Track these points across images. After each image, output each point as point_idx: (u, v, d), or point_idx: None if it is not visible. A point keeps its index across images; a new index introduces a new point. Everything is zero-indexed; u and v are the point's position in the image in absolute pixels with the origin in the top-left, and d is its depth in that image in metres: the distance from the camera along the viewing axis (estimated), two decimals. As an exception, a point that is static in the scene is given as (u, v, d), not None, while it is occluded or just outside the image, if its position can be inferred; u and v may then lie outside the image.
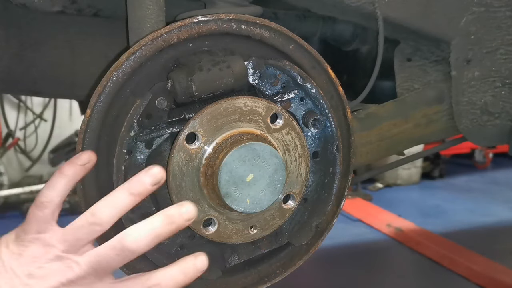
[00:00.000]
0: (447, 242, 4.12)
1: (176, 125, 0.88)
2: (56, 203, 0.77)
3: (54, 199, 0.76)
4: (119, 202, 0.73)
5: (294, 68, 0.95)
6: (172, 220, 0.71)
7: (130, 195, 0.73)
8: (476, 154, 6.99)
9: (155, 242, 0.71)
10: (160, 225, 0.71)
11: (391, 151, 1.38)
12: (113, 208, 0.73)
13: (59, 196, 0.77)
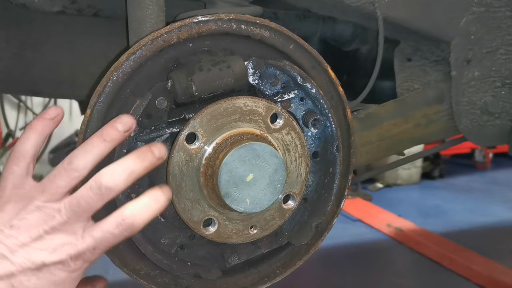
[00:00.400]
0: (447, 242, 4.12)
1: (176, 125, 0.88)
2: (30, 157, 0.79)
3: (27, 153, 0.79)
4: (93, 148, 0.75)
5: (294, 68, 0.95)
6: (144, 157, 0.73)
7: (103, 141, 0.75)
8: (476, 154, 7.00)
9: (131, 178, 0.72)
10: (133, 162, 0.73)
11: (391, 151, 1.38)
12: (88, 154, 0.75)
13: (32, 150, 0.79)
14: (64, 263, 0.70)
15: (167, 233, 0.94)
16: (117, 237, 0.72)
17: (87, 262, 0.72)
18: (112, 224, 0.72)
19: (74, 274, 0.72)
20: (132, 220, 0.71)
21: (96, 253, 0.72)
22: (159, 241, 0.94)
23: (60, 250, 0.70)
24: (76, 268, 0.71)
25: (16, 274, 0.67)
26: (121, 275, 0.98)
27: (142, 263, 0.95)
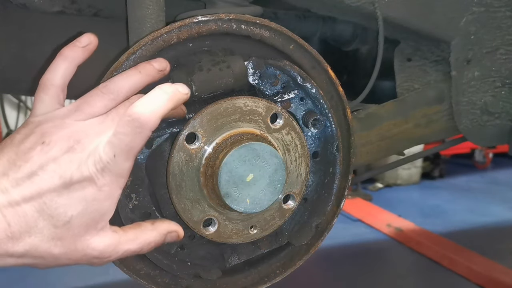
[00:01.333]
0: (447, 242, 4.13)
1: (176, 125, 0.88)
2: (59, 85, 0.77)
3: (57, 81, 0.77)
4: (128, 76, 0.75)
5: (294, 68, 0.95)
6: (173, 94, 0.71)
7: (138, 72, 0.76)
8: (476, 154, 7.00)
9: (162, 112, 0.69)
10: (162, 97, 0.70)
11: (391, 151, 1.38)
12: (123, 79, 0.75)
13: (61, 78, 0.77)
14: (92, 178, 0.66)
15: (167, 233, 0.94)
16: (130, 136, 0.67)
17: (113, 176, 0.68)
18: (121, 124, 0.67)
19: (105, 191, 0.67)
20: (138, 113, 0.67)
21: (118, 162, 0.67)
22: (159, 241, 0.94)
23: (85, 164, 0.66)
24: (105, 184, 0.67)
25: (47, 192, 0.64)
26: (121, 275, 0.99)
27: (142, 263, 0.95)
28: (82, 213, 0.66)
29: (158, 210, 0.93)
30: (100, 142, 0.68)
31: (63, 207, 0.65)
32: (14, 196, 0.63)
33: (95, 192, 0.67)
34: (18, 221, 0.63)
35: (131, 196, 0.89)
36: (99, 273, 3.66)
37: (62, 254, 0.66)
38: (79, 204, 0.66)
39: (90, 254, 0.68)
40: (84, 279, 3.66)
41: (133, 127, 0.67)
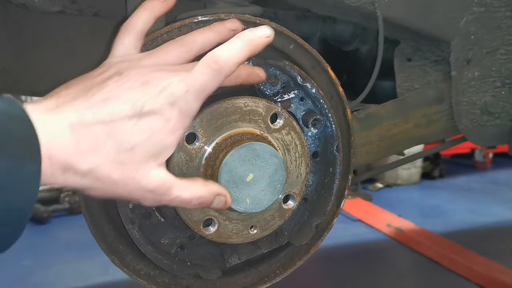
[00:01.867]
0: (447, 242, 4.13)
1: (176, 125, 0.88)
2: (139, 31, 0.81)
3: (138, 26, 0.81)
4: (202, 32, 0.82)
5: (294, 68, 0.95)
6: (249, 40, 0.76)
7: (211, 30, 0.82)
8: (476, 154, 7.00)
9: (239, 57, 0.74)
10: (239, 44, 0.75)
11: (391, 151, 1.38)
12: (198, 34, 0.81)
13: (143, 24, 0.82)
14: (161, 110, 0.69)
15: (167, 233, 0.94)
16: (206, 76, 0.71)
17: (181, 112, 0.70)
18: (199, 64, 0.72)
19: (170, 124, 0.70)
20: (217, 56, 0.72)
21: (188, 99, 0.70)
22: (159, 241, 0.94)
23: (157, 97, 0.69)
24: (172, 117, 0.69)
25: (117, 117, 0.67)
26: (121, 275, 0.99)
27: (142, 263, 0.95)
28: (145, 143, 0.68)
29: (158, 210, 0.93)
30: (174, 80, 0.71)
31: (129, 134, 0.67)
32: (86, 116, 0.66)
33: (162, 124, 0.69)
34: (86, 140, 0.65)
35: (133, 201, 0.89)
36: (99, 273, 3.66)
37: (121, 181, 0.68)
38: (144, 134, 0.68)
39: (145, 186, 0.70)
40: (84, 279, 3.66)
41: (209, 68, 0.71)
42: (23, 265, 3.92)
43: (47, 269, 3.85)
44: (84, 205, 0.89)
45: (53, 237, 4.55)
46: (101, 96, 0.68)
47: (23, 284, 3.63)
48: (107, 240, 0.92)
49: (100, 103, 0.67)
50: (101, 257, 1.01)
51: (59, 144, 0.63)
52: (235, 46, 0.74)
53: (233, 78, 0.79)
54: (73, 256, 4.02)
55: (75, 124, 0.65)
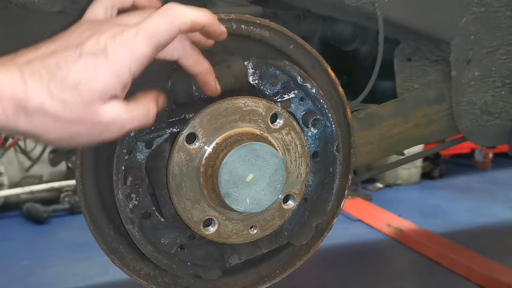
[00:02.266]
0: (447, 242, 4.12)
1: (176, 125, 0.88)
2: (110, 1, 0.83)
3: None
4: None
5: (294, 68, 0.95)
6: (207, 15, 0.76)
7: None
8: (476, 154, 6.99)
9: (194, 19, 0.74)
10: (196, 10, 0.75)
11: (391, 151, 1.38)
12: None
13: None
14: (106, 49, 0.70)
15: (167, 233, 0.94)
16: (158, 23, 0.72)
17: (128, 53, 0.71)
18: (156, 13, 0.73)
19: (115, 65, 0.71)
20: (172, 8, 0.73)
21: (137, 41, 0.71)
22: (159, 241, 0.94)
23: (105, 38, 0.71)
24: (117, 58, 0.71)
25: (61, 54, 0.70)
26: (121, 275, 0.99)
27: (142, 263, 0.95)
28: (90, 81, 0.69)
29: (158, 210, 0.93)
30: (127, 28, 0.72)
31: (73, 71, 0.69)
32: (34, 60, 0.69)
33: (106, 63, 0.70)
34: (33, 79, 0.68)
35: (131, 196, 0.89)
36: (99, 273, 3.66)
37: (75, 120, 0.70)
38: (87, 72, 0.69)
39: (99, 122, 0.71)
40: (84, 279, 3.65)
41: (163, 16, 0.72)
42: (23, 265, 3.91)
43: (47, 269, 3.84)
44: (84, 205, 0.89)
45: (53, 237, 4.55)
46: (51, 45, 0.72)
47: (23, 284, 3.63)
48: (107, 240, 0.92)
49: (49, 51, 0.71)
50: (101, 257, 1.01)
51: (7, 84, 0.66)
52: (193, 10, 0.75)
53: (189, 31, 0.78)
54: (73, 256, 4.02)
55: (22, 66, 0.68)
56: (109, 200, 0.91)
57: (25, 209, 4.95)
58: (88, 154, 0.88)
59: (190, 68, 0.82)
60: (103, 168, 0.90)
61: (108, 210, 0.92)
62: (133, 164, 0.88)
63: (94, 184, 0.90)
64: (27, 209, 4.93)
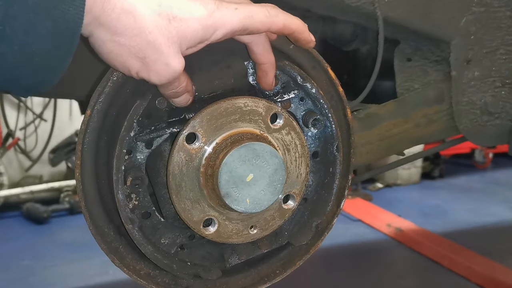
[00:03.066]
0: (447, 242, 4.13)
1: (176, 125, 0.88)
2: None
3: None
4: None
5: (294, 68, 0.95)
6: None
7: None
8: (476, 154, 7.00)
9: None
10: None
11: (391, 151, 1.38)
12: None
13: None
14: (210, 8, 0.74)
15: (167, 233, 0.94)
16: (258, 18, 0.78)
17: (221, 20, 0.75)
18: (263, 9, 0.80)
19: (209, 21, 0.74)
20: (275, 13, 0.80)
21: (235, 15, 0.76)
22: (159, 241, 0.94)
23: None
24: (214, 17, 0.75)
25: None
26: (121, 275, 0.99)
27: (142, 263, 0.95)
28: (185, 20, 0.73)
29: (158, 210, 0.93)
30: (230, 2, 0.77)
31: (174, 3, 0.72)
32: None
33: (203, 14, 0.74)
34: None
35: (131, 196, 0.89)
36: (99, 273, 3.66)
37: (155, 44, 0.72)
38: (185, 13, 0.73)
39: (170, 64, 0.74)
40: (84, 279, 3.66)
41: (263, 10, 0.79)
42: (23, 265, 3.92)
43: (47, 269, 3.85)
44: (84, 205, 0.89)
45: (53, 237, 4.55)
46: None
47: (23, 284, 3.63)
48: (107, 240, 0.92)
49: None
50: (101, 257, 1.01)
51: None
52: (288, 15, 0.82)
53: None
54: (73, 256, 4.02)
55: None
56: (109, 200, 0.91)
57: (25, 209, 4.96)
58: (88, 154, 0.88)
59: (258, 56, 0.86)
60: (103, 168, 0.90)
61: (108, 210, 0.92)
62: (133, 164, 0.88)
63: (94, 184, 0.90)
64: (27, 209, 4.93)
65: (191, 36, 0.74)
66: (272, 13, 0.79)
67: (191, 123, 0.86)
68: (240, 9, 0.76)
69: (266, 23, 0.79)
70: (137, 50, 0.72)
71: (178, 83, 0.79)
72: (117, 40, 0.71)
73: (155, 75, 0.75)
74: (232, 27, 0.76)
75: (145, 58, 0.73)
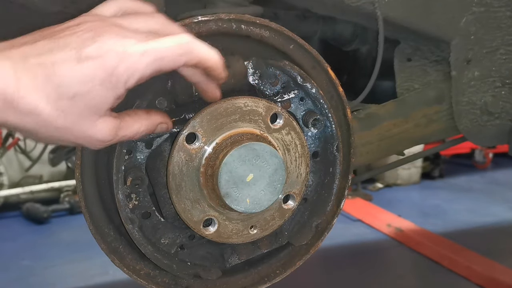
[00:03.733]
0: (447, 242, 4.12)
1: (176, 125, 0.88)
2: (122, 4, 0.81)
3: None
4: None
5: (294, 68, 0.95)
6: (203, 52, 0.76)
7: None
8: (476, 154, 7.00)
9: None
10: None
11: (391, 151, 1.38)
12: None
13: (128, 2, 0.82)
14: (106, 60, 0.68)
15: (167, 233, 0.94)
16: (171, 52, 0.71)
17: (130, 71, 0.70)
18: (173, 40, 0.73)
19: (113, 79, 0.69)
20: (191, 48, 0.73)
21: (141, 61, 0.70)
22: (159, 241, 0.94)
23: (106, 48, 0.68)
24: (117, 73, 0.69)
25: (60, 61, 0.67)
26: (121, 275, 0.99)
27: (142, 263, 0.95)
28: (88, 92, 0.68)
29: (158, 210, 0.93)
30: (133, 41, 0.70)
31: (70, 79, 0.67)
32: (30, 58, 0.67)
33: (104, 75, 0.68)
34: (27, 79, 0.65)
35: (131, 196, 0.89)
36: (99, 273, 3.66)
37: (64, 128, 0.69)
38: (86, 82, 0.68)
39: (92, 136, 0.72)
40: (84, 279, 3.66)
41: (177, 46, 0.72)
42: (23, 265, 3.92)
43: (47, 269, 3.85)
44: (84, 205, 0.89)
45: (53, 237, 4.55)
46: (50, 42, 0.69)
47: (23, 284, 3.63)
48: (107, 240, 0.92)
49: (46, 48, 0.68)
50: (101, 257, 1.01)
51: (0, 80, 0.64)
52: (205, 48, 0.75)
53: None
54: (73, 256, 4.02)
55: (18, 63, 0.66)
56: (109, 200, 0.91)
57: (25, 209, 4.95)
58: (88, 154, 0.88)
59: (189, 78, 0.82)
60: (103, 168, 0.90)
61: (108, 210, 0.92)
62: (133, 164, 0.88)
63: (94, 184, 0.90)
64: (27, 209, 4.93)
65: (102, 102, 0.70)
66: (187, 49, 0.73)
67: (191, 123, 0.86)
68: (147, 53, 0.69)
69: (178, 61, 0.72)
70: (57, 137, 0.71)
71: (125, 134, 0.76)
72: (36, 136, 0.70)
73: (94, 146, 0.74)
74: (141, 75, 0.70)
75: (70, 141, 0.72)
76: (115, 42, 0.69)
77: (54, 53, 0.67)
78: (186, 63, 0.73)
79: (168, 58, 0.71)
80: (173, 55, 0.71)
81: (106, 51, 0.68)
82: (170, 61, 0.72)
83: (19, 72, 0.65)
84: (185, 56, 0.72)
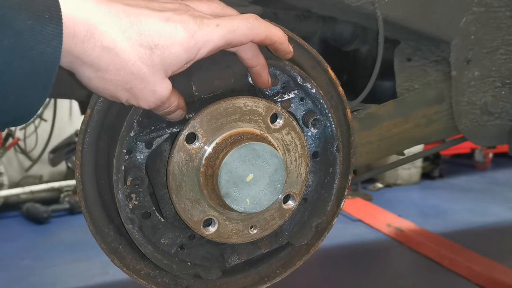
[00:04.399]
0: (447, 242, 4.13)
1: (176, 125, 0.88)
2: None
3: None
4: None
5: (294, 68, 0.95)
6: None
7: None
8: (476, 154, 7.00)
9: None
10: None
11: (391, 151, 1.38)
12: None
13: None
14: (188, 26, 0.74)
15: (167, 233, 0.94)
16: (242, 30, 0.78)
17: (205, 39, 0.75)
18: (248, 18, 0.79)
19: (192, 42, 0.74)
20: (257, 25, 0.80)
21: (217, 32, 0.75)
22: (159, 241, 0.94)
23: (190, 16, 0.74)
24: (196, 38, 0.74)
25: (146, 13, 0.71)
26: (121, 275, 0.99)
27: (142, 263, 0.95)
28: (166, 48, 0.72)
29: (158, 210, 0.93)
30: (203, 14, 0.76)
31: (154, 31, 0.71)
32: (117, 2, 0.70)
33: (185, 36, 0.73)
34: (112, 18, 0.69)
35: (131, 196, 0.89)
36: (99, 273, 3.66)
37: (138, 76, 0.72)
38: (167, 38, 0.72)
39: (156, 91, 0.75)
40: (84, 279, 3.66)
41: (245, 22, 0.78)
42: (23, 265, 3.92)
43: (47, 269, 3.85)
44: (84, 205, 0.89)
45: (53, 237, 4.56)
46: (139, 1, 0.73)
47: (23, 284, 3.63)
48: (107, 240, 0.92)
49: (135, 2, 0.72)
50: (101, 257, 1.01)
51: (83, 11, 0.66)
52: (270, 26, 0.82)
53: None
54: (73, 256, 4.03)
55: (104, 3, 0.68)
56: (109, 200, 0.91)
57: (25, 209, 4.96)
58: (88, 154, 0.88)
59: (247, 61, 0.86)
60: (103, 168, 0.90)
61: (108, 210, 0.92)
62: (133, 164, 0.88)
63: (94, 184, 0.90)
64: (27, 209, 4.93)
65: (175, 61, 0.74)
66: (254, 24, 0.79)
67: (191, 123, 0.86)
68: (221, 25, 0.76)
69: (248, 35, 0.79)
70: (123, 83, 0.72)
71: (168, 104, 0.80)
72: (102, 76, 0.71)
73: (144, 102, 0.76)
74: (215, 44, 0.76)
75: (132, 89, 0.73)
76: (193, 14, 0.75)
77: (141, 9, 0.71)
78: (254, 37, 0.79)
79: (239, 31, 0.77)
80: (244, 28, 0.78)
81: (187, 19, 0.73)
82: (241, 34, 0.78)
83: (104, 10, 0.68)
84: (253, 31, 0.78)
